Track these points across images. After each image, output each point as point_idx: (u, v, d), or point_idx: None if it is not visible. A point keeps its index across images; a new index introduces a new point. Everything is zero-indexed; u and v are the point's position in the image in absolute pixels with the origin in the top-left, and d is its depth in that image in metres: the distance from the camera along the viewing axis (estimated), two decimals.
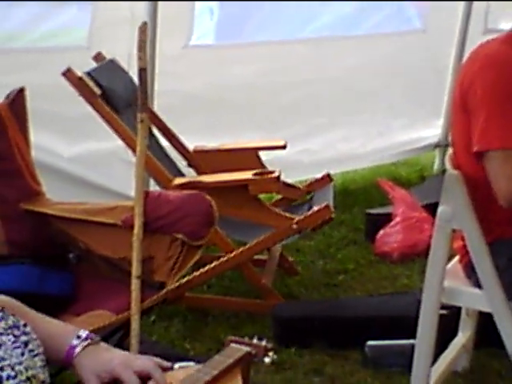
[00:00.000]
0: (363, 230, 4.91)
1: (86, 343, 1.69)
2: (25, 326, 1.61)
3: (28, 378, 1.48)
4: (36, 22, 4.36)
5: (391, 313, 3.54)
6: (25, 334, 1.58)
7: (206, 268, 3.70)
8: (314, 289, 4.14)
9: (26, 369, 1.48)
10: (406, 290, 3.96)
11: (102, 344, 1.76)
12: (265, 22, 5.18)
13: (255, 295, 3.95)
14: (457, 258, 2.91)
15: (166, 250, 2.70)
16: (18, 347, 1.52)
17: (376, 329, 3.46)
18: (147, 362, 1.69)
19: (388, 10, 5.61)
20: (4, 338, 1.52)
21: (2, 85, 3.17)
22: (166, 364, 1.72)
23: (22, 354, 1.51)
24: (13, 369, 1.44)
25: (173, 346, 3.42)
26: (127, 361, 1.68)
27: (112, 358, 1.68)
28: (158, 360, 1.73)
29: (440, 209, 2.62)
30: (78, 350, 1.68)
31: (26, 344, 1.55)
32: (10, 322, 1.58)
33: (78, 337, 1.70)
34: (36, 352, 1.57)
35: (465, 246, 2.70)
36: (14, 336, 1.55)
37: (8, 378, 1.42)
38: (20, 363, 1.47)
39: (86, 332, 1.73)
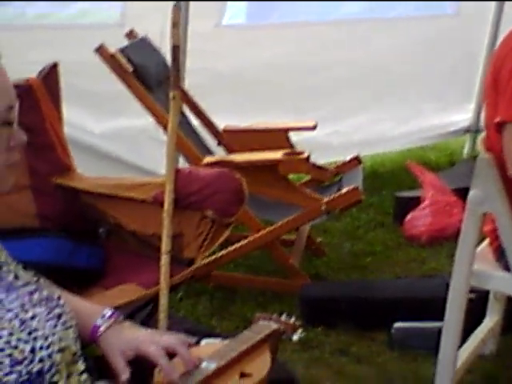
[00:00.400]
0: (392, 213, 4.90)
1: (110, 322, 1.71)
2: (59, 298, 1.63)
3: (60, 349, 1.49)
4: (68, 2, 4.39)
5: (419, 295, 3.53)
6: (58, 306, 1.60)
7: (234, 246, 3.72)
8: (341, 270, 4.14)
9: (59, 340, 1.49)
10: (434, 273, 3.94)
11: (127, 322, 1.77)
12: (296, 3, 5.15)
13: (282, 275, 3.95)
14: (487, 241, 2.89)
15: (195, 227, 2.70)
16: (52, 319, 1.53)
17: (403, 311, 3.45)
18: (172, 339, 1.70)
19: None
20: (38, 309, 1.53)
21: (35, 61, 3.18)
22: (191, 340, 1.73)
23: (55, 326, 1.52)
24: (46, 339, 1.45)
25: (199, 323, 3.44)
26: (152, 338, 1.69)
27: (137, 335, 1.70)
28: (183, 336, 1.74)
29: (471, 192, 2.61)
30: (102, 329, 1.69)
31: (59, 316, 1.56)
32: (44, 294, 1.59)
33: (103, 316, 1.71)
34: (69, 324, 1.58)
35: (495, 230, 2.69)
36: (48, 308, 1.56)
37: (41, 348, 1.43)
38: (53, 334, 1.49)
39: (111, 311, 1.74)
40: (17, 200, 2.82)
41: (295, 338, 2.00)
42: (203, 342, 1.84)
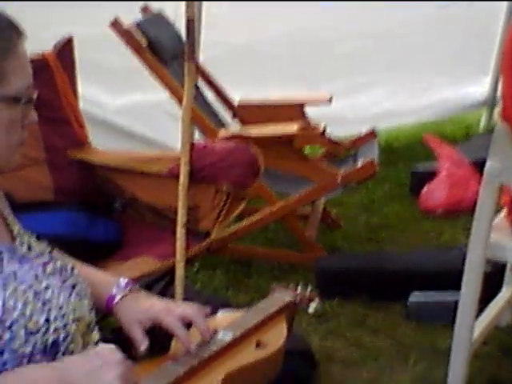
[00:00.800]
0: (407, 186, 4.88)
1: (125, 291, 1.72)
2: (72, 268, 1.64)
3: (75, 320, 1.49)
4: None
5: (435, 266, 3.53)
6: (72, 276, 1.60)
7: (250, 219, 3.72)
8: (357, 243, 4.14)
9: (73, 310, 1.50)
10: (450, 246, 3.94)
11: (143, 292, 1.78)
12: None
13: (298, 248, 3.96)
14: (503, 212, 2.88)
15: (211, 200, 2.71)
16: (66, 289, 1.54)
17: (419, 282, 3.45)
18: (188, 309, 1.70)
19: None
20: (52, 279, 1.53)
21: (50, 35, 3.18)
22: (208, 310, 1.74)
23: (70, 296, 1.53)
24: (60, 310, 1.46)
25: (216, 296, 3.45)
26: (169, 308, 1.69)
27: (153, 305, 1.70)
28: (200, 306, 1.75)
29: (488, 163, 2.59)
30: (117, 298, 1.70)
31: (73, 286, 1.57)
32: (58, 265, 1.60)
33: (118, 286, 1.72)
34: (83, 294, 1.59)
35: None
36: (62, 278, 1.56)
37: (55, 318, 1.44)
38: (67, 305, 1.49)
39: (126, 281, 1.75)
40: (33, 174, 2.84)
41: (311, 308, 2.00)
42: (219, 313, 1.85)
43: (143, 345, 1.64)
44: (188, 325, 1.69)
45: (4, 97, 1.43)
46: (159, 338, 1.67)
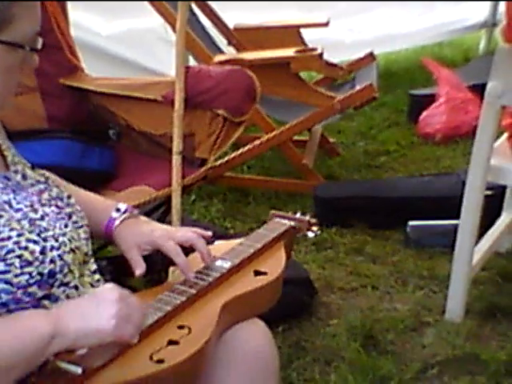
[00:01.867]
0: (406, 112, 4.84)
1: (125, 216, 1.69)
2: (69, 197, 1.59)
3: (71, 250, 1.45)
4: None
5: (434, 193, 3.50)
6: (69, 205, 1.56)
7: (247, 147, 3.68)
8: (355, 170, 4.10)
9: (70, 240, 1.46)
10: (449, 171, 3.90)
11: (143, 218, 1.75)
12: None
13: (296, 176, 3.92)
14: (505, 135, 2.84)
15: (207, 127, 2.65)
16: (62, 218, 1.50)
17: (418, 209, 3.43)
18: (189, 233, 1.68)
19: None
20: (47, 209, 1.49)
21: None
22: (208, 234, 1.71)
23: (66, 226, 1.49)
24: (56, 240, 1.42)
25: (213, 226, 3.43)
26: (169, 233, 1.67)
27: (153, 229, 1.67)
28: (200, 230, 1.71)
29: (489, 84, 2.54)
30: (117, 222, 1.67)
31: (69, 216, 1.53)
32: (54, 194, 1.55)
33: (118, 210, 1.69)
34: (80, 224, 1.55)
35: None
36: (58, 207, 1.52)
37: (51, 248, 1.40)
38: (63, 234, 1.45)
39: (126, 205, 1.72)
40: (25, 102, 2.77)
41: (311, 235, 1.97)
42: (216, 243, 1.82)
43: (140, 268, 1.62)
44: (186, 253, 1.66)
45: (6, 42, 1.37)
46: (157, 266, 1.64)
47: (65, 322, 1.29)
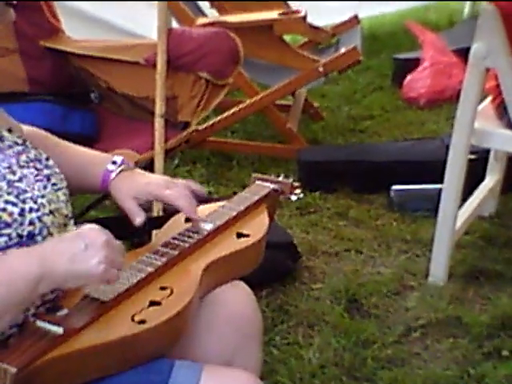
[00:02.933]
0: (390, 76, 4.81)
1: (121, 168, 1.66)
2: (47, 159, 1.57)
3: (51, 212, 1.43)
4: None
5: (418, 157, 3.49)
6: (47, 167, 1.54)
7: (230, 111, 3.65)
8: (339, 134, 4.09)
9: (49, 202, 1.44)
10: (433, 136, 3.89)
11: (138, 170, 1.72)
12: None
13: (279, 140, 3.91)
14: (489, 98, 2.83)
15: (189, 89, 2.63)
16: (40, 180, 1.47)
17: (402, 173, 3.41)
18: (182, 189, 1.64)
19: None
20: (26, 170, 1.47)
21: None
22: (201, 190, 1.70)
23: (45, 187, 1.47)
24: (35, 202, 1.40)
25: None
26: (165, 182, 1.65)
27: (149, 181, 1.65)
28: (194, 184, 1.70)
29: (474, 46, 2.52)
30: (113, 174, 1.65)
31: (48, 178, 1.51)
32: (32, 156, 1.53)
33: (114, 162, 1.67)
34: (59, 186, 1.52)
35: (498, 86, 2.62)
36: (36, 169, 1.50)
37: (30, 210, 1.38)
38: (42, 196, 1.43)
39: (122, 158, 1.70)
40: (5, 65, 2.74)
41: (293, 198, 1.95)
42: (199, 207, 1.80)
43: (139, 216, 1.60)
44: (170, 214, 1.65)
45: None
46: (140, 228, 1.62)
47: (53, 263, 1.26)
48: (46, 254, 1.28)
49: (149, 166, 2.66)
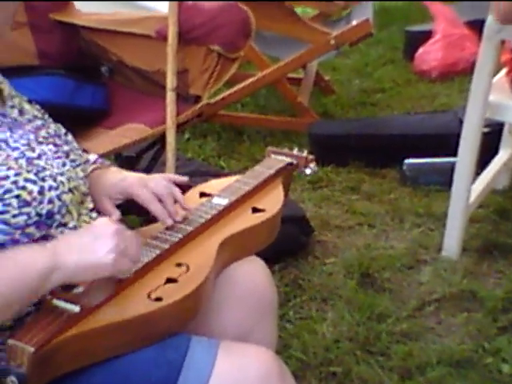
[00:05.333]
0: (401, 49, 4.77)
1: (94, 167, 1.63)
2: (66, 134, 1.55)
3: (70, 190, 1.41)
4: None
5: (431, 130, 3.46)
6: (66, 143, 1.52)
7: (241, 85, 3.62)
8: (351, 108, 4.06)
9: (68, 180, 1.41)
10: (445, 109, 3.86)
11: (114, 168, 1.68)
12: None
13: (291, 114, 3.88)
14: (504, 71, 2.79)
15: (201, 63, 2.59)
16: (60, 157, 1.45)
17: (414, 147, 3.39)
18: (163, 182, 1.58)
19: None
20: (45, 147, 1.44)
21: None
22: (182, 179, 1.64)
23: (64, 165, 1.44)
24: (54, 180, 1.37)
25: (208, 164, 3.39)
26: (142, 181, 1.59)
27: (124, 178, 1.60)
28: (173, 176, 1.65)
29: (489, 18, 2.48)
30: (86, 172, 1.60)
31: (67, 154, 1.48)
32: (51, 131, 1.51)
33: (86, 161, 1.63)
34: (78, 162, 1.50)
35: None
36: (56, 145, 1.47)
37: (50, 188, 1.36)
38: (61, 174, 1.40)
39: (96, 156, 1.67)
40: (15, 38, 2.69)
41: (308, 171, 1.93)
42: (212, 181, 1.79)
43: (114, 215, 1.55)
44: (184, 189, 1.63)
45: None
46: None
47: (63, 256, 1.25)
48: (57, 248, 1.27)
49: (160, 141, 2.65)
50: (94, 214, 1.51)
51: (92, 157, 1.66)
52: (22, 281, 1.22)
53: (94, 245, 1.27)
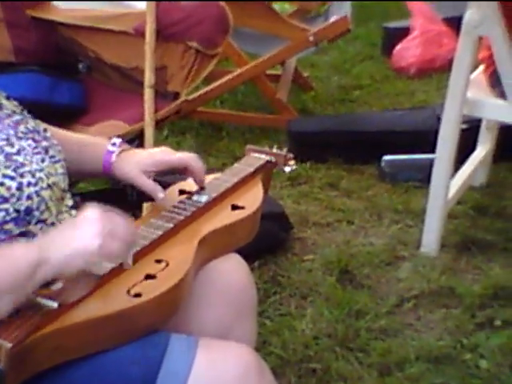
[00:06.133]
0: (379, 45, 4.79)
1: (122, 147, 1.63)
2: (45, 130, 1.53)
3: (49, 186, 1.40)
4: None
5: (409, 127, 3.47)
6: (45, 139, 1.50)
7: (220, 81, 3.62)
8: (329, 104, 4.07)
9: (47, 176, 1.40)
10: (423, 106, 3.87)
11: (134, 149, 1.69)
12: None
13: (269, 110, 3.88)
14: (481, 68, 2.81)
15: (179, 59, 2.59)
16: (39, 153, 1.44)
17: (393, 144, 3.40)
18: (187, 154, 1.64)
19: None
20: (24, 142, 1.43)
21: None
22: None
23: (43, 161, 1.43)
24: (33, 175, 1.36)
25: None
26: (168, 150, 1.64)
27: (152, 153, 1.64)
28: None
29: (467, 14, 2.49)
30: (114, 155, 1.61)
31: (46, 150, 1.47)
32: (30, 126, 1.49)
33: (113, 144, 1.63)
34: (57, 158, 1.49)
35: (491, 56, 2.59)
36: (35, 141, 1.46)
37: (28, 184, 1.35)
38: (41, 170, 1.39)
39: (120, 140, 1.66)
40: None
41: (287, 170, 1.93)
42: (190, 179, 1.78)
43: (160, 193, 1.58)
44: (164, 186, 1.62)
45: None
46: (131, 201, 1.60)
47: (49, 248, 1.23)
48: (43, 242, 1.26)
49: (139, 138, 2.64)
50: (73, 212, 1.50)
51: (117, 140, 1.65)
52: (8, 275, 1.20)
53: (79, 232, 1.25)
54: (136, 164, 1.60)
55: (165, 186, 1.65)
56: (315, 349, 2.32)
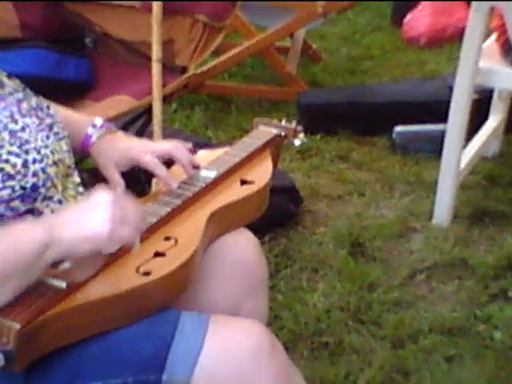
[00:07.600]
0: (389, 15, 4.74)
1: (101, 132, 1.61)
2: (48, 107, 1.52)
3: (54, 162, 1.38)
4: None
5: (420, 97, 3.44)
6: (49, 116, 1.49)
7: (228, 54, 3.59)
8: (339, 75, 4.03)
9: (52, 152, 1.39)
10: (434, 76, 3.83)
11: (120, 133, 1.67)
12: None
13: (278, 83, 3.85)
14: (493, 37, 2.77)
15: (186, 33, 2.57)
16: (43, 130, 1.42)
17: (404, 114, 3.37)
18: (167, 145, 1.61)
19: None
20: (28, 119, 1.41)
21: None
22: (188, 145, 1.64)
23: (48, 137, 1.42)
24: (39, 152, 1.35)
25: (195, 135, 3.36)
26: (147, 146, 1.60)
27: (130, 145, 1.61)
28: (180, 141, 1.65)
29: None
30: (94, 138, 1.60)
31: (50, 127, 1.45)
32: (33, 103, 1.48)
33: (94, 125, 1.61)
34: (61, 135, 1.48)
35: (503, 25, 2.57)
36: (38, 118, 1.45)
37: (34, 161, 1.33)
38: (45, 146, 1.38)
39: (102, 120, 1.64)
40: None
41: (297, 143, 1.91)
42: (200, 152, 1.76)
43: (119, 186, 1.56)
44: (168, 165, 1.60)
45: None
46: (139, 179, 1.59)
47: (59, 230, 1.22)
48: (54, 222, 1.24)
49: (147, 112, 2.62)
50: (80, 189, 1.49)
51: (98, 121, 1.63)
52: (18, 254, 1.19)
53: (89, 216, 1.24)
54: (109, 153, 1.59)
55: (172, 161, 1.63)
56: (327, 322, 2.31)
